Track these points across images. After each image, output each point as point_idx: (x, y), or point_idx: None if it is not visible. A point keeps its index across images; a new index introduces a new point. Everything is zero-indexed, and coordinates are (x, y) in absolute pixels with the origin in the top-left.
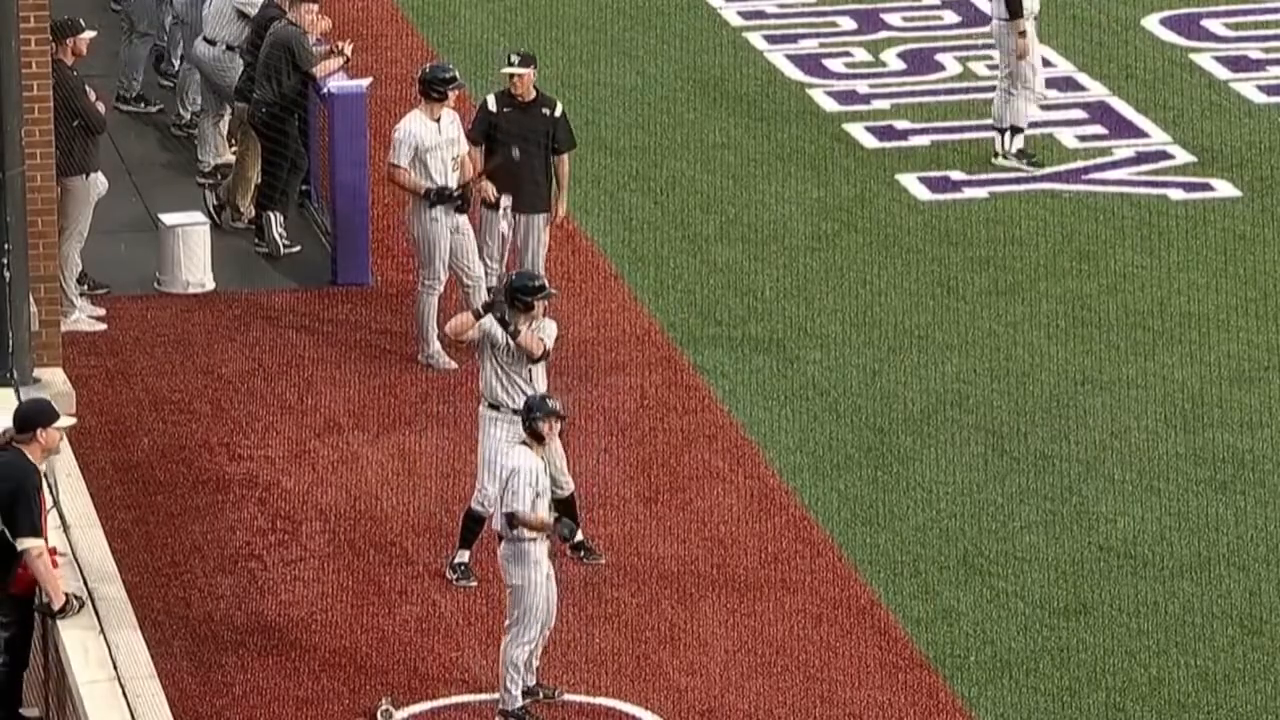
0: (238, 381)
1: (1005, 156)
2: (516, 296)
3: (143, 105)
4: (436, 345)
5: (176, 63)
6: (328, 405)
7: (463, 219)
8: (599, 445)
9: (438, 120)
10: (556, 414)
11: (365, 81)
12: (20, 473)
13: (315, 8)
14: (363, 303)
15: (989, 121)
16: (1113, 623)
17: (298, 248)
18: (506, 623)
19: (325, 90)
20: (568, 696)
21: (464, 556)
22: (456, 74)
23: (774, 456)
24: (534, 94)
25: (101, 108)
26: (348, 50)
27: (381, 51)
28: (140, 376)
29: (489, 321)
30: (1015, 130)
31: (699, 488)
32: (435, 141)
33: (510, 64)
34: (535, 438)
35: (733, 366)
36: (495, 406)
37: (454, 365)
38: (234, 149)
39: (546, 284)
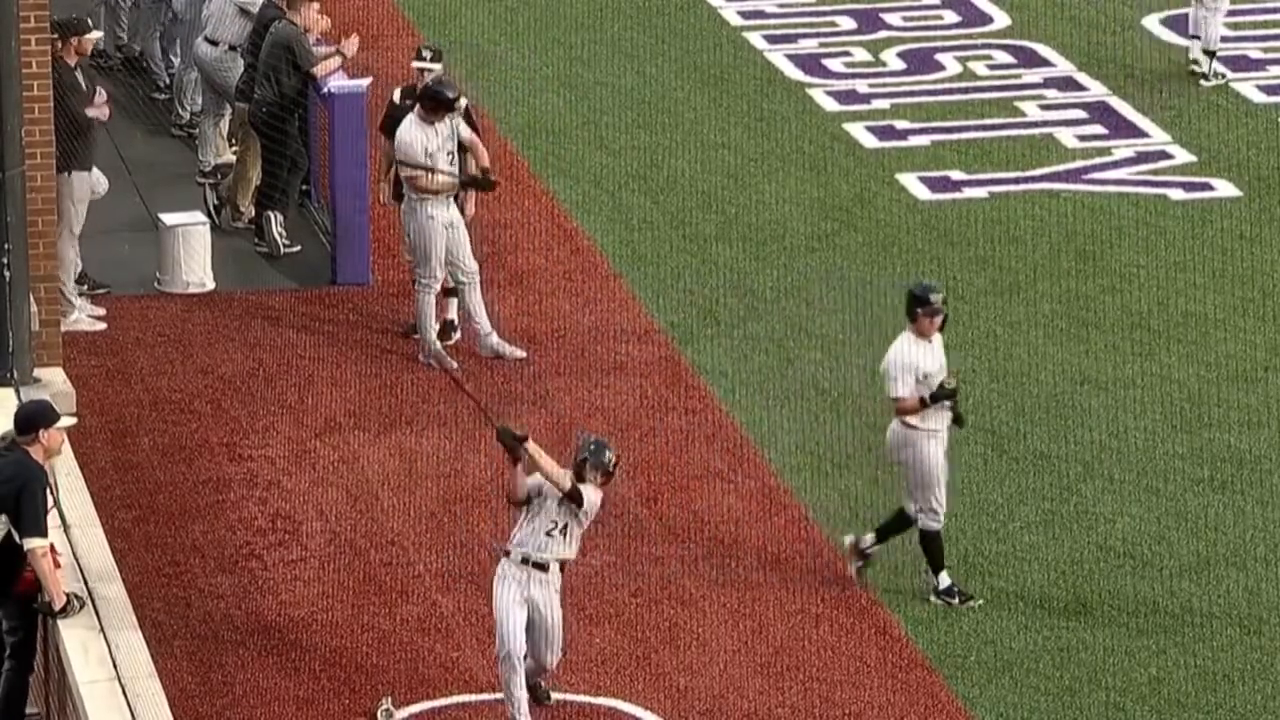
0: (238, 381)
1: (1210, 77)
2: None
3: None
4: (437, 344)
5: (175, 60)
6: (328, 405)
7: (457, 214)
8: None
9: (433, 125)
10: (605, 469)
11: (365, 81)
12: (27, 472)
13: (316, 7)
14: (363, 302)
15: (989, 121)
16: (1112, 622)
17: (298, 247)
18: None
19: (325, 90)
20: (569, 696)
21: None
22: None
23: (774, 456)
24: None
25: (105, 111)
26: (351, 49)
27: (382, 51)
28: (140, 376)
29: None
30: (1210, 54)
31: (699, 487)
32: (437, 145)
33: (421, 58)
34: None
35: (733, 366)
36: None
37: (454, 364)
38: (234, 149)
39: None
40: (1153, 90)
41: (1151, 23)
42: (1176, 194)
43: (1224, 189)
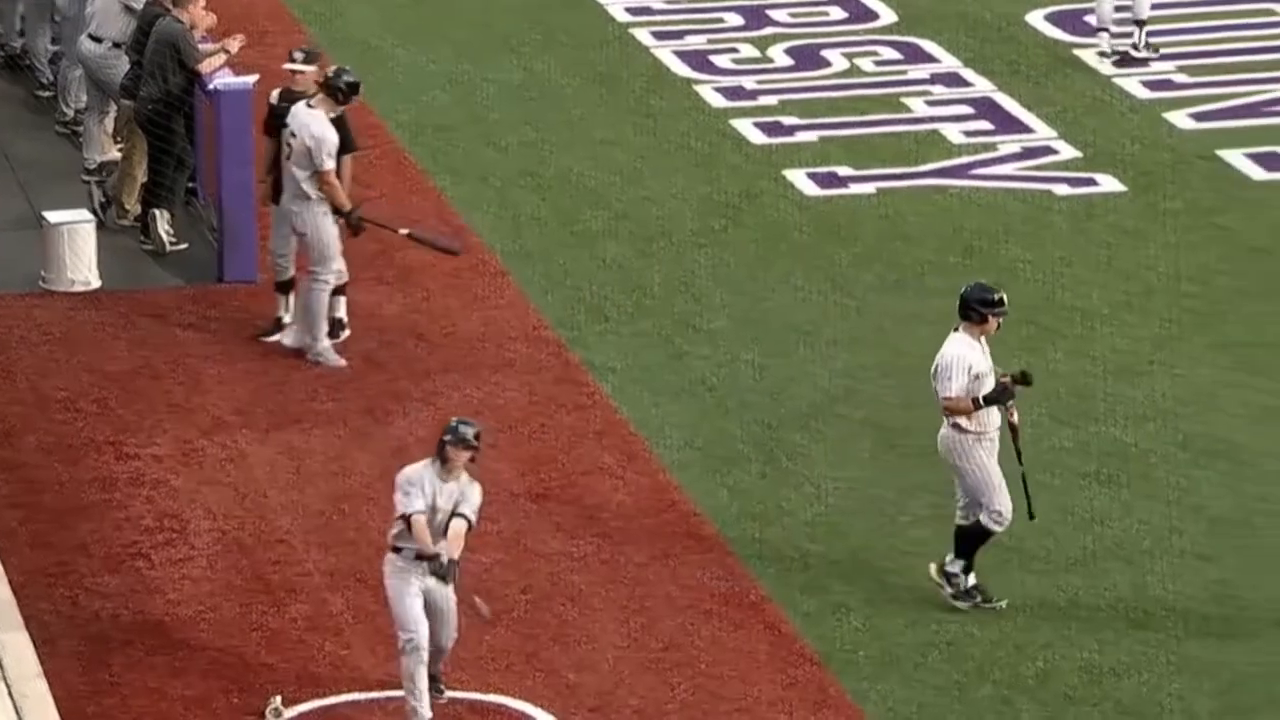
0: (124, 380)
1: (1140, 49)
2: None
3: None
4: (325, 342)
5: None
6: (215, 403)
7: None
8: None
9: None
10: (467, 443)
11: (251, 78)
12: None
13: (201, 3)
14: (250, 300)
15: (876, 117)
16: (1000, 616)
17: (184, 245)
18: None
19: (211, 87)
20: (459, 694)
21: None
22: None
23: (663, 452)
24: (315, 90)
25: None
26: (235, 46)
27: (267, 48)
28: (25, 375)
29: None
30: (1140, 22)
31: (588, 484)
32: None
33: (293, 60)
34: (442, 460)
35: (621, 362)
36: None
37: (343, 362)
38: (119, 146)
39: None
40: (1038, 86)
41: (1036, 19)
42: (1062, 189)
43: (1108, 184)
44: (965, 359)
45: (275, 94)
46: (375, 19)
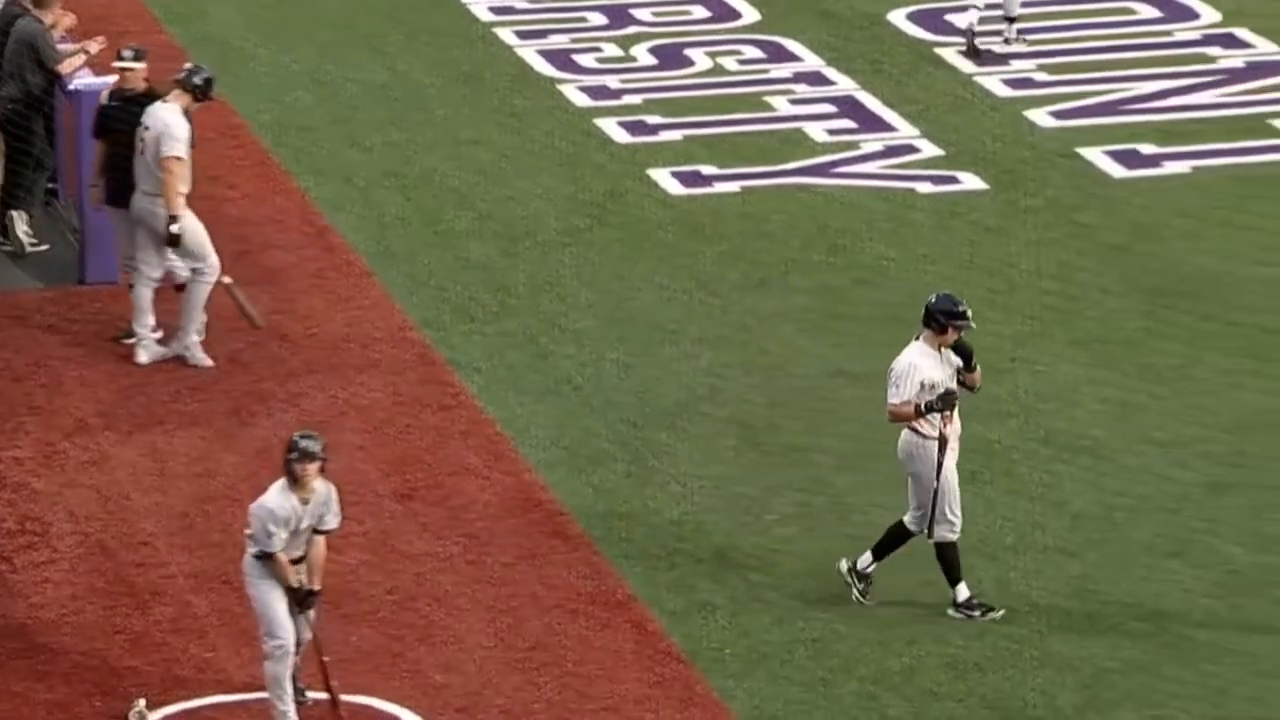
0: None
1: (1011, 41)
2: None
3: None
4: (196, 338)
5: None
6: (78, 405)
7: None
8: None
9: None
10: (313, 456)
11: (112, 79)
12: None
13: (60, 3)
14: (112, 301)
15: (740, 116)
16: (866, 613)
17: (45, 246)
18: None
19: (71, 88)
20: (321, 695)
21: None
22: None
23: (529, 452)
24: (144, 88)
25: None
26: (95, 46)
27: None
28: None
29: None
30: (1010, 19)
31: (454, 484)
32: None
33: (121, 59)
34: (293, 479)
35: (487, 362)
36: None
37: (209, 361)
38: None
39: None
40: (900, 85)
41: (898, 18)
42: (924, 187)
43: (970, 182)
44: (918, 368)
45: (105, 94)
46: (237, 19)
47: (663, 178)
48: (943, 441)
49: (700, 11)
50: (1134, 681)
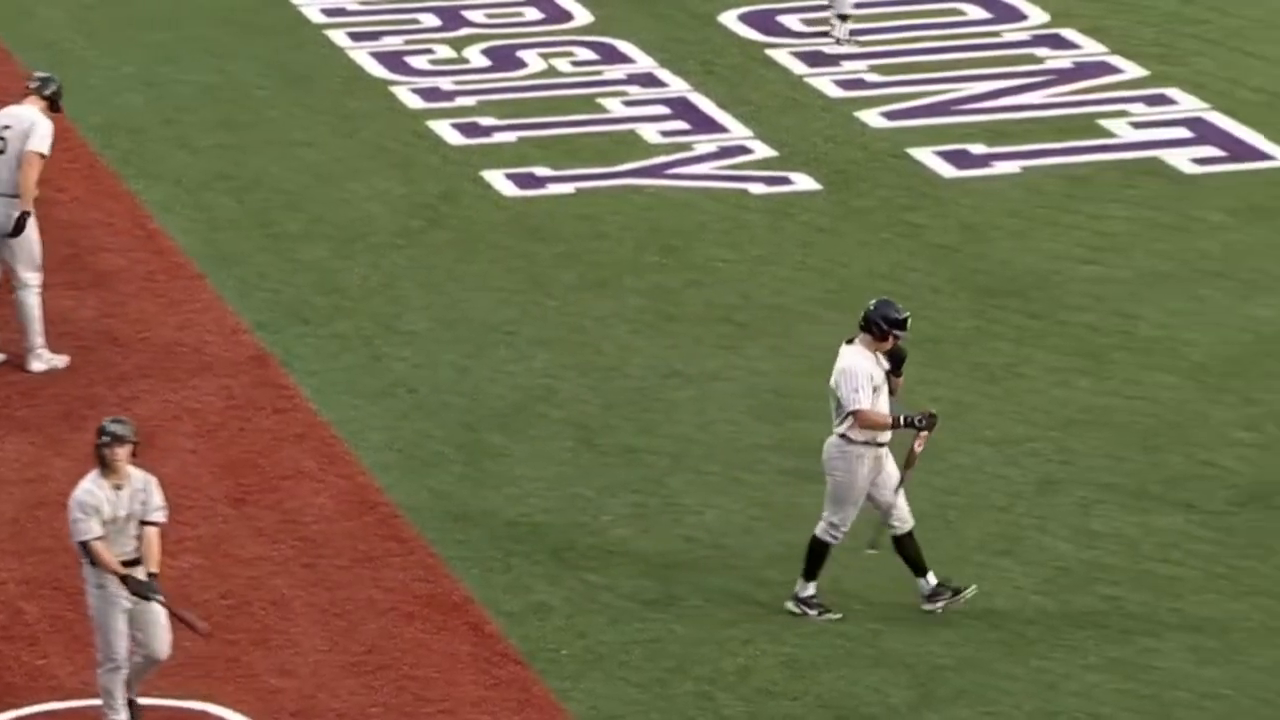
0: None
1: (841, 42)
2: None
3: None
4: (42, 339)
5: None
6: None
7: None
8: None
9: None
10: (122, 439)
11: None
12: None
13: None
14: None
15: (574, 117)
16: (701, 613)
17: None
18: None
19: None
20: (160, 701)
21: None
22: None
23: (364, 454)
24: None
25: None
26: None
27: None
28: None
29: None
30: (843, 17)
31: (289, 488)
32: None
33: None
34: (105, 465)
35: (321, 365)
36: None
37: (65, 359)
38: None
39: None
40: (733, 86)
41: (729, 19)
42: (758, 188)
43: (803, 183)
44: (867, 371)
45: None
46: (64, 20)
47: (497, 179)
48: (911, 459)
49: (533, 13)
50: (967, 678)
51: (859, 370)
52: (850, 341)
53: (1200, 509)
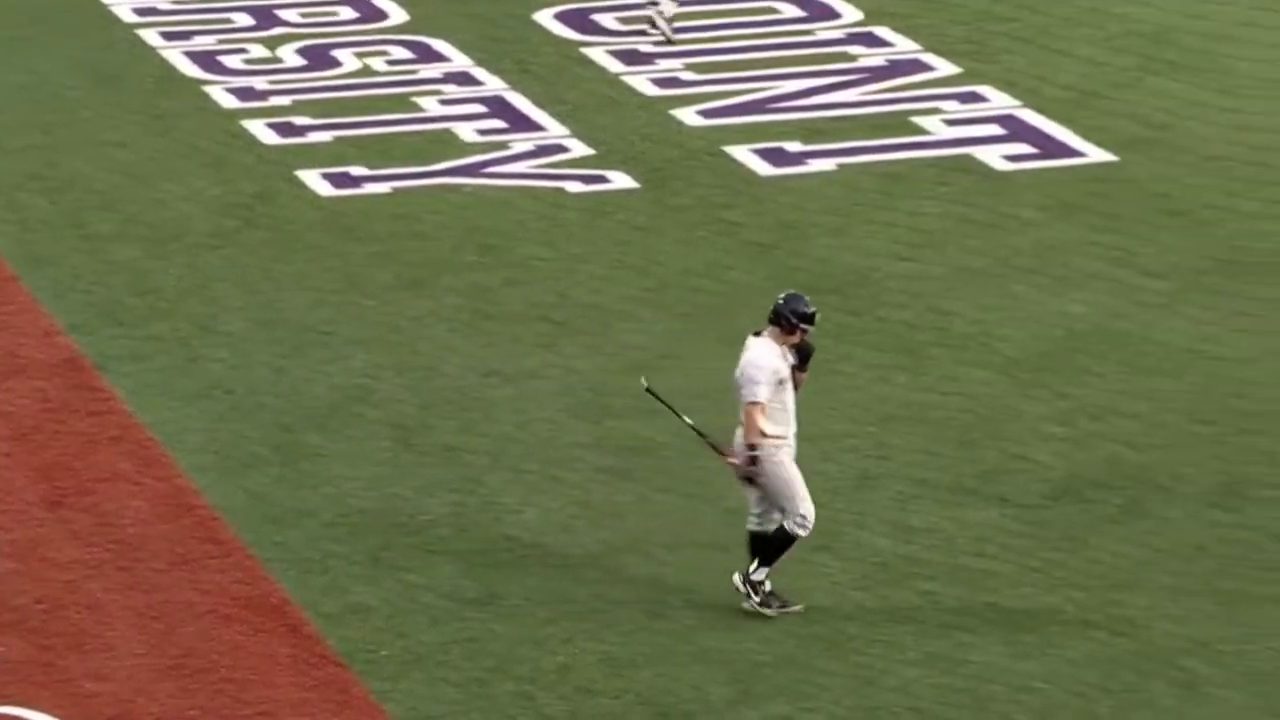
0: None
1: (654, 27)
2: None
3: None
4: None
5: None
6: None
7: None
8: None
9: None
10: None
11: None
12: None
13: None
14: None
15: (389, 116)
16: (521, 612)
17: None
18: None
19: None
20: None
21: None
22: None
23: (180, 456)
24: None
25: None
26: None
27: None
28: None
29: None
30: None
31: (105, 490)
32: None
33: None
34: None
35: (136, 366)
36: None
37: None
38: None
39: None
40: (549, 84)
41: (545, 18)
42: (575, 186)
43: (620, 181)
44: (773, 365)
45: None
46: None
47: (312, 179)
48: (721, 452)
49: (348, 12)
50: (785, 675)
51: (763, 363)
52: (758, 334)
53: (1014, 503)
